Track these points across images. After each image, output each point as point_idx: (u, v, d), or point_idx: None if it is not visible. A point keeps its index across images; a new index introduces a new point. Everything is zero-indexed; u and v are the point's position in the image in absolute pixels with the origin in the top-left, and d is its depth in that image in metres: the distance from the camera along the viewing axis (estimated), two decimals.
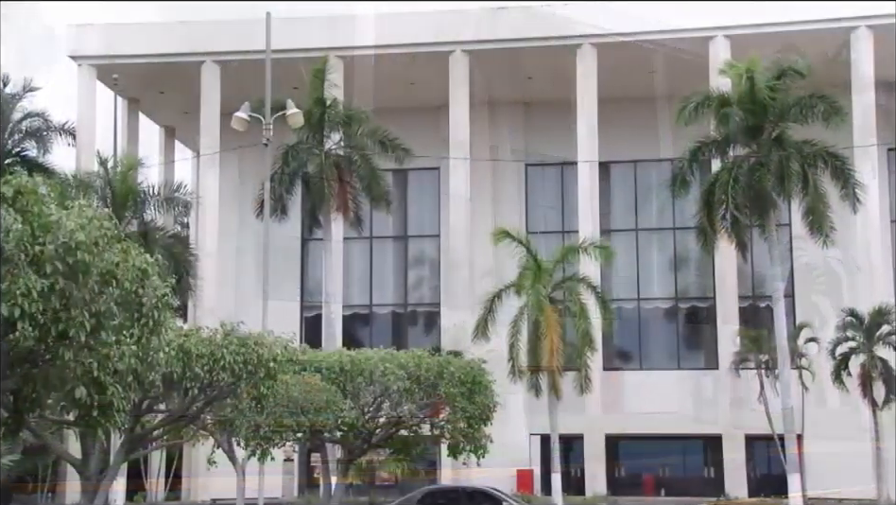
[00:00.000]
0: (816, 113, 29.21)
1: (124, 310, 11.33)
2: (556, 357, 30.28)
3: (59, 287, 10.45)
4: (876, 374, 32.64)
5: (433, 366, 23.38)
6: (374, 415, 23.55)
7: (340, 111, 33.02)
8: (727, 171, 30.09)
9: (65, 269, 10.44)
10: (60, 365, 10.83)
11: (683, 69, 37.72)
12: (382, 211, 35.08)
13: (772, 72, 29.46)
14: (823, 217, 29.68)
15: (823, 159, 29.72)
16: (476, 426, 23.32)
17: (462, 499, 29.54)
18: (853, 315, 33.38)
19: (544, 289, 31.13)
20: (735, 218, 29.72)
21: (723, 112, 29.65)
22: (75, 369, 10.93)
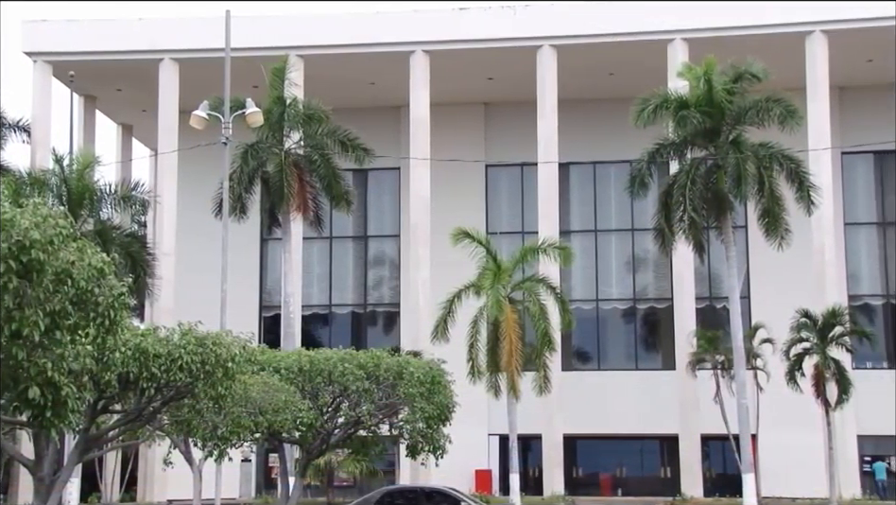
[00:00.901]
0: (772, 117, 29.56)
1: (79, 309, 11.20)
2: (515, 358, 30.37)
3: (12, 285, 10.31)
4: (829, 374, 33.05)
5: (392, 366, 23.32)
6: (333, 415, 23.47)
7: (300, 110, 32.87)
8: (684, 173, 30.35)
9: (19, 267, 10.30)
10: (13, 365, 10.68)
11: (642, 71, 38.03)
12: (342, 211, 34.96)
13: (729, 75, 29.77)
14: (779, 219, 30.03)
15: (779, 162, 30.08)
16: (435, 426, 23.28)
17: (421, 499, 29.56)
18: (807, 316, 33.79)
19: (504, 290, 31.21)
20: (693, 220, 29.98)
21: (681, 114, 29.89)
22: (28, 369, 10.79)
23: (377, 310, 45.60)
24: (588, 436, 41.32)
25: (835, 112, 39.38)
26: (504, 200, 44.94)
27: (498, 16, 39.90)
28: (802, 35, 37.80)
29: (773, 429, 37.54)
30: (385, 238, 45.65)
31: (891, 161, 42.34)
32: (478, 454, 41.08)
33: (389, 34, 40.12)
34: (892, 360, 41.57)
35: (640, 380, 41.96)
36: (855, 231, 42.24)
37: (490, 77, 42.12)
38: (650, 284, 43.79)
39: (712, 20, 38.21)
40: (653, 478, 41.61)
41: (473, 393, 31.40)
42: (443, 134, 41.22)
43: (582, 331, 41.72)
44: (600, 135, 42.76)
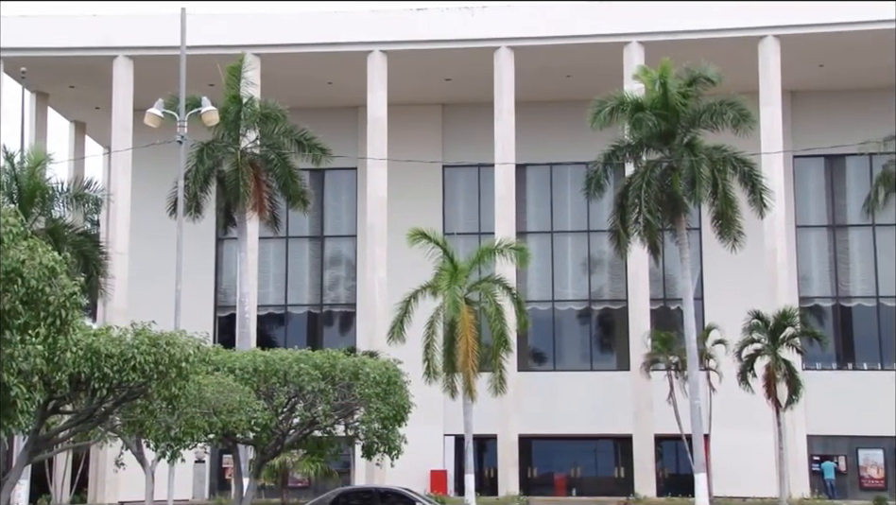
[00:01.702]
0: (726, 120, 29.90)
1: (29, 309, 11.06)
2: (471, 358, 30.43)
3: None
4: (780, 375, 33.47)
5: (348, 366, 23.25)
6: (288, 416, 23.35)
7: (257, 109, 32.67)
8: (640, 175, 30.60)
9: None
10: None
11: (599, 73, 38.29)
12: (298, 210, 34.81)
13: (684, 78, 30.06)
14: (732, 221, 30.38)
15: (733, 165, 30.43)
16: (391, 426, 23.25)
17: (375, 500, 29.53)
18: (759, 318, 34.20)
19: (461, 290, 31.26)
20: (648, 222, 30.22)
21: (636, 116, 30.13)
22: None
23: (333, 310, 45.47)
24: (543, 436, 41.52)
25: (787, 116, 39.92)
26: (461, 201, 45.02)
27: (456, 17, 39.96)
28: (756, 39, 38.28)
29: (725, 429, 37.96)
30: (341, 238, 45.53)
31: (842, 165, 43.03)
32: (434, 454, 41.11)
33: (347, 34, 40.02)
34: (841, 361, 42.23)
35: (595, 381, 42.23)
36: (806, 233, 42.86)
37: (447, 77, 42.18)
38: (605, 285, 44.10)
39: (667, 23, 38.57)
40: (607, 478, 41.90)
41: (429, 394, 31.41)
42: (401, 135, 41.19)
43: (538, 332, 41.92)
44: (557, 137, 42.98)
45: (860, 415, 40.00)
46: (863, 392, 40.33)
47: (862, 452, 40.68)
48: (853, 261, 42.75)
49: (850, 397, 40.29)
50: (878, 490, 38.59)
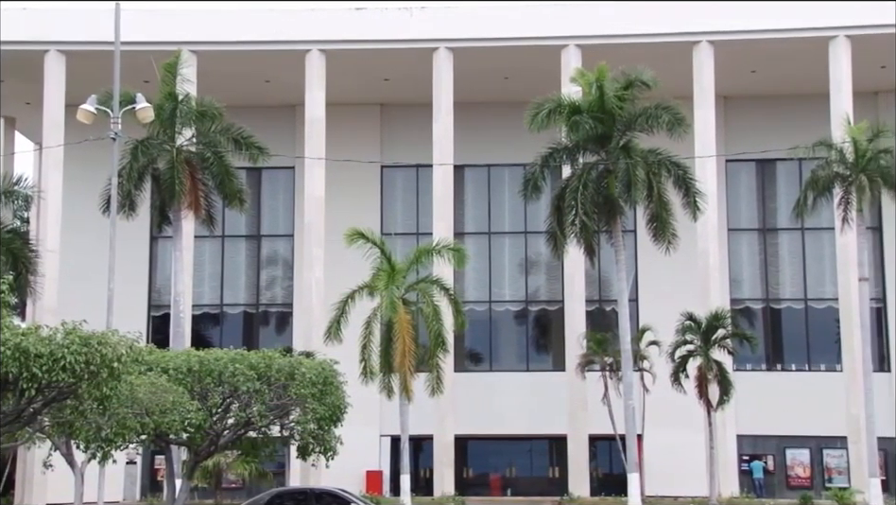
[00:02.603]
0: (661, 123, 30.28)
1: None
2: (408, 359, 30.43)
3: None
4: (711, 376, 34.02)
5: (284, 367, 23.11)
6: (223, 416, 23.13)
7: (193, 106, 32.26)
8: (577, 177, 30.87)
9: None
10: None
11: (537, 76, 38.55)
12: (235, 209, 34.46)
13: (621, 82, 30.39)
14: (667, 224, 30.78)
15: (667, 168, 30.84)
16: (327, 427, 23.17)
17: (310, 501, 29.39)
18: (692, 319, 34.73)
19: (398, 291, 31.25)
20: (584, 224, 30.48)
21: (574, 119, 30.38)
22: None
23: (270, 310, 45.15)
24: (479, 437, 41.66)
25: (720, 120, 40.56)
26: (399, 202, 45.00)
27: (395, 17, 39.92)
28: (690, 45, 38.85)
29: (658, 430, 38.48)
30: (278, 238, 45.23)
31: (772, 169, 43.85)
32: (370, 455, 41.04)
33: (285, 32, 39.77)
34: (770, 362, 43.04)
35: (530, 381, 42.50)
36: (738, 236, 43.60)
37: (386, 77, 42.13)
38: (542, 286, 44.41)
39: (604, 27, 38.98)
40: (542, 478, 42.20)
41: (366, 394, 31.36)
42: (339, 134, 41.04)
43: (475, 332, 42.09)
44: (495, 138, 43.17)
45: (788, 415, 40.86)
46: (791, 393, 41.20)
47: (789, 451, 41.54)
48: (783, 264, 43.62)
49: (778, 398, 41.12)
50: (804, 488, 39.42)
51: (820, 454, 41.26)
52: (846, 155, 32.10)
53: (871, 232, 39.32)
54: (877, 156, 31.63)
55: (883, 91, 41.87)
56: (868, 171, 31.62)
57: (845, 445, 38.21)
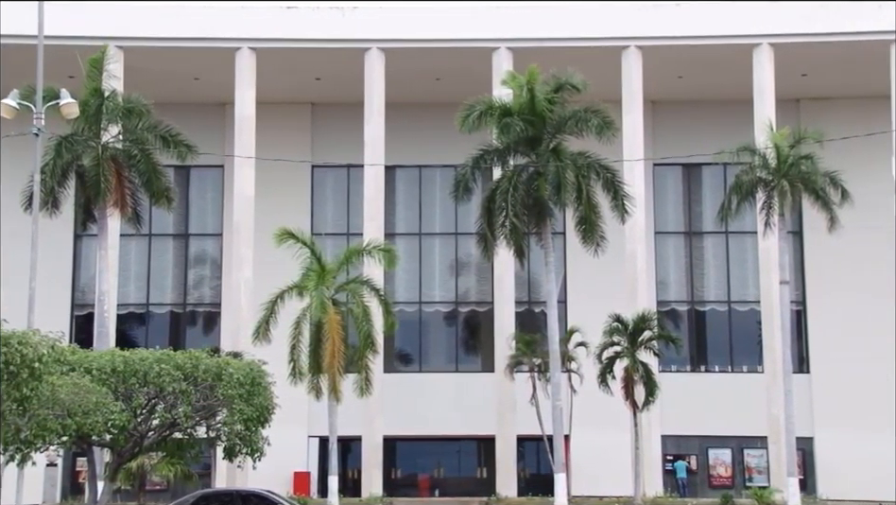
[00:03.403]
0: (590, 127, 30.61)
1: None
2: (337, 359, 30.34)
3: None
4: (637, 377, 34.50)
5: (211, 367, 22.88)
6: (147, 417, 22.82)
7: (119, 103, 31.75)
8: (507, 179, 31.07)
9: None
10: None
11: (469, 78, 38.71)
12: (162, 208, 34.01)
13: (551, 85, 30.66)
14: (595, 226, 31.15)
15: (596, 171, 31.20)
16: (254, 428, 23.00)
17: (237, 503, 29.12)
18: (619, 321, 35.16)
19: (328, 291, 31.15)
20: (514, 225, 30.71)
21: (504, 121, 30.58)
22: None
23: (197, 310, 44.62)
24: (407, 437, 41.68)
25: (647, 124, 41.14)
26: (329, 202, 44.82)
27: (326, 16, 39.75)
28: (619, 49, 39.35)
29: (585, 430, 38.91)
30: (206, 237, 44.73)
31: (698, 173, 44.61)
32: (297, 456, 40.80)
33: (215, 29, 39.35)
34: (695, 364, 43.79)
35: (459, 382, 42.64)
36: (664, 239, 44.27)
37: (317, 77, 41.94)
38: (472, 287, 44.58)
39: (535, 30, 39.28)
40: (470, 478, 42.37)
41: (294, 395, 31.17)
42: (269, 133, 40.73)
43: (405, 333, 42.12)
44: (426, 139, 43.24)
45: (711, 416, 41.64)
46: (714, 394, 42.01)
47: (712, 451, 42.33)
48: (708, 267, 44.41)
49: (702, 398, 41.87)
50: (726, 487, 40.21)
51: (741, 454, 42.12)
52: (768, 161, 32.79)
53: (792, 236, 40.21)
54: (798, 162, 32.35)
55: (804, 98, 42.89)
56: (789, 177, 32.34)
57: (765, 445, 39.04)
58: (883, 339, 41.59)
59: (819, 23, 38.76)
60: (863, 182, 37.82)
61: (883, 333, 41.66)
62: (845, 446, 40.54)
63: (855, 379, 41.24)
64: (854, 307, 41.98)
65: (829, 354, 42.25)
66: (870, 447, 40.00)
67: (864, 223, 39.85)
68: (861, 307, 41.92)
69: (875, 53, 38.65)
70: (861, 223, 39.07)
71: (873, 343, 41.59)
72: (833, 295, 42.53)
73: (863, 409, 40.67)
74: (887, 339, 41.57)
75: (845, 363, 41.60)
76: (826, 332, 42.56)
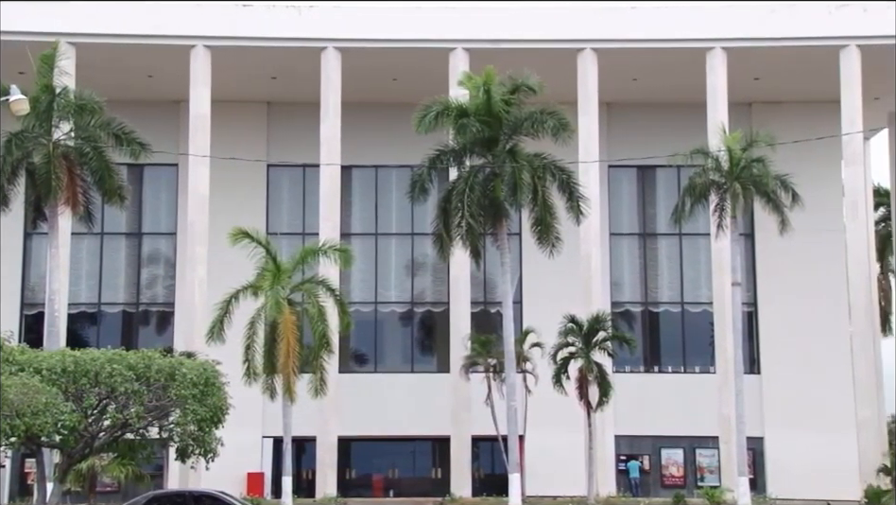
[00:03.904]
0: (546, 128, 30.74)
1: None
2: (292, 359, 30.21)
3: None
4: (592, 377, 34.72)
5: (164, 367, 22.70)
6: (98, 418, 22.59)
7: (71, 100, 31.33)
8: (463, 180, 31.13)
9: None
10: None
11: (425, 78, 38.73)
12: (115, 206, 33.60)
13: (507, 86, 30.76)
14: (551, 227, 31.28)
15: (552, 172, 31.33)
16: (207, 428, 22.84)
17: (189, 504, 28.88)
18: (574, 322, 35.36)
19: (283, 291, 30.99)
20: (470, 226, 30.76)
21: (461, 122, 30.62)
22: None
23: (150, 310, 44.18)
24: (362, 438, 41.61)
25: (603, 127, 41.41)
26: (285, 201, 44.60)
27: (282, 15, 39.56)
28: (575, 52, 39.57)
29: (539, 430, 39.08)
30: (160, 236, 44.30)
31: (652, 175, 45.00)
32: (251, 457, 40.55)
33: (169, 27, 38.99)
34: (648, 364, 44.17)
35: (415, 382, 42.63)
36: (619, 241, 44.59)
37: (273, 76, 41.71)
38: (428, 287, 44.59)
39: (492, 32, 39.38)
40: (424, 478, 42.38)
41: (248, 395, 30.99)
42: (224, 131, 40.44)
43: (360, 333, 42.04)
44: (383, 139, 43.18)
45: (664, 416, 42.04)
46: (667, 394, 42.42)
47: (664, 451, 42.72)
48: (661, 268, 44.81)
49: (655, 399, 42.27)
50: (678, 487, 40.61)
51: (693, 453, 42.55)
52: (721, 164, 33.16)
53: (744, 238, 40.72)
54: (750, 165, 32.75)
55: (757, 102, 43.44)
56: (741, 179, 32.73)
57: (716, 445, 39.47)
58: (831, 339, 42.28)
59: (771, 28, 39.29)
60: (813, 186, 38.44)
61: (831, 334, 42.35)
62: (794, 446, 41.14)
63: (804, 380, 41.89)
64: (804, 309, 42.61)
65: (779, 355, 42.82)
66: (818, 447, 40.64)
67: (814, 226, 40.51)
68: (810, 309, 42.56)
69: (825, 58, 39.25)
70: (811, 226, 39.70)
71: (822, 344, 42.27)
72: (783, 297, 43.11)
73: (812, 410, 41.32)
74: (835, 340, 42.27)
75: (794, 364, 42.21)
76: (776, 333, 43.12)
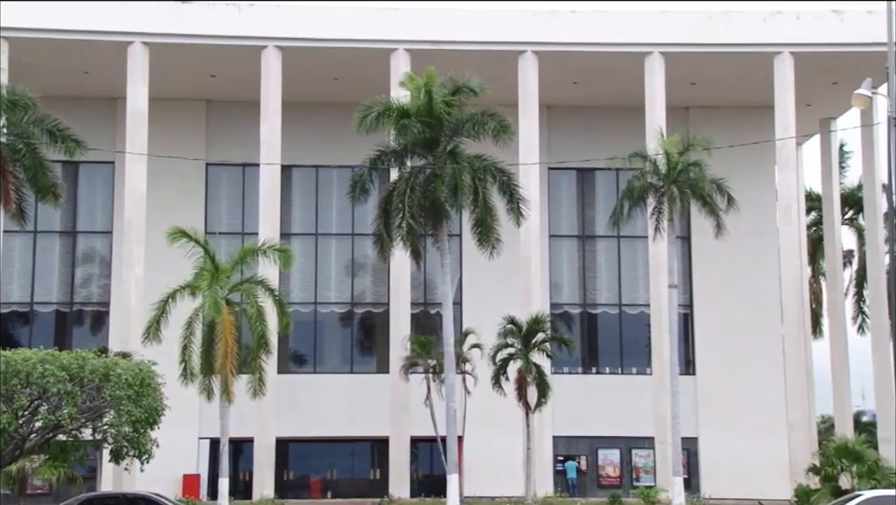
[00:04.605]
0: (487, 130, 30.82)
1: None
2: (230, 360, 29.95)
3: None
4: (530, 378, 34.92)
5: (98, 367, 22.41)
6: (30, 419, 22.21)
7: (3, 95, 30.66)
8: (404, 181, 31.10)
9: None
10: None
11: (366, 78, 38.66)
12: (48, 204, 32.94)
13: (448, 87, 30.80)
14: (491, 229, 31.36)
15: (493, 174, 31.43)
16: (142, 429, 22.60)
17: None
18: (513, 323, 35.53)
19: (222, 291, 30.72)
20: (411, 227, 30.72)
21: (402, 123, 30.58)
22: None
23: (85, 309, 43.48)
24: (301, 439, 41.39)
25: (543, 129, 41.67)
26: (224, 200, 44.21)
27: (222, 13, 39.21)
28: (515, 54, 39.79)
29: (478, 431, 39.21)
30: (95, 234, 43.63)
31: (592, 178, 45.42)
32: (187, 458, 40.13)
33: (106, 23, 38.39)
34: (586, 365, 44.56)
35: (354, 383, 42.53)
36: (559, 243, 44.93)
37: (212, 74, 41.32)
38: (368, 288, 44.50)
39: (433, 33, 39.42)
40: (363, 479, 42.28)
41: (185, 396, 30.66)
42: (162, 130, 39.97)
43: (299, 334, 41.80)
44: (324, 139, 43.02)
45: (601, 417, 42.45)
46: (604, 395, 42.83)
47: (601, 452, 43.13)
48: (600, 270, 45.23)
49: (592, 400, 42.66)
50: (614, 487, 41.01)
51: (630, 454, 43.03)
52: (659, 167, 33.56)
53: (681, 241, 41.29)
54: (687, 168, 33.18)
55: (694, 107, 44.09)
56: (678, 183, 33.16)
57: (652, 446, 39.93)
58: (764, 341, 43.06)
59: (708, 34, 39.90)
60: (747, 190, 39.12)
61: (764, 336, 43.13)
62: (727, 446, 41.80)
63: (738, 381, 42.60)
64: (738, 311, 43.32)
65: (714, 356, 43.49)
66: (750, 447, 41.36)
67: (748, 229, 41.25)
68: (744, 311, 43.29)
69: (760, 65, 39.97)
70: (745, 229, 40.42)
71: (755, 346, 43.02)
72: (718, 299, 43.79)
73: (744, 410, 42.04)
74: (768, 342, 43.05)
75: (729, 365, 42.90)
76: (711, 335, 43.78)
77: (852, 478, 33.70)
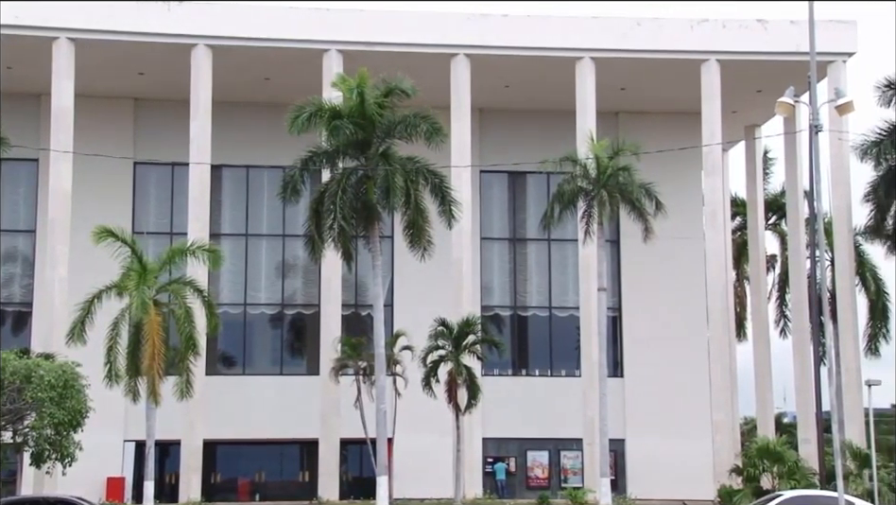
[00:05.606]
0: (419, 132, 30.82)
1: None
2: (157, 361, 29.54)
3: None
4: (461, 380, 35.00)
5: (20, 369, 21.97)
6: None
7: None
8: (336, 182, 30.97)
9: None
10: None
11: (299, 78, 38.45)
12: None
13: (381, 89, 30.77)
14: (423, 231, 31.37)
15: (425, 176, 31.46)
16: (65, 432, 22.18)
17: None
18: (444, 325, 35.59)
19: (149, 291, 30.27)
20: (342, 228, 30.59)
21: (334, 124, 30.45)
22: None
23: (6, 309, 42.52)
24: (229, 441, 40.99)
25: (475, 132, 41.87)
26: (152, 200, 43.61)
27: (151, 10, 38.68)
28: (448, 57, 39.91)
29: (409, 433, 39.21)
30: (18, 233, 42.68)
31: (523, 181, 45.74)
32: (112, 461, 39.52)
33: (30, 17, 37.60)
34: (517, 368, 44.85)
35: (284, 385, 42.26)
36: (490, 245, 45.17)
37: (141, 72, 40.73)
38: (298, 289, 44.25)
39: (366, 34, 39.36)
40: (292, 482, 42.03)
41: (110, 398, 30.16)
42: (89, 127, 39.30)
43: (229, 335, 41.35)
44: (255, 139, 42.69)
45: (530, 419, 42.77)
46: (534, 397, 43.16)
47: (530, 453, 43.45)
48: (531, 273, 45.57)
49: (522, 402, 42.97)
50: (543, 488, 41.35)
51: (558, 455, 43.42)
52: (589, 171, 33.92)
53: (610, 245, 41.74)
54: (617, 173, 33.59)
55: (623, 112, 44.69)
56: (608, 187, 33.55)
57: (580, 447, 40.34)
58: (690, 344, 43.78)
59: (637, 40, 40.48)
60: (675, 195, 39.70)
61: (690, 338, 43.86)
62: (653, 448, 42.42)
63: (664, 383, 43.27)
64: (665, 314, 44.00)
65: (641, 359, 44.09)
66: (676, 448, 42.04)
67: (676, 233, 41.91)
68: (672, 314, 43.99)
69: (687, 71, 40.67)
70: (673, 233, 41.06)
71: (682, 349, 43.73)
72: (646, 302, 44.42)
73: (670, 412, 42.72)
74: (694, 345, 43.77)
75: (656, 368, 43.53)
76: (639, 338, 44.38)
77: (774, 478, 34.38)
